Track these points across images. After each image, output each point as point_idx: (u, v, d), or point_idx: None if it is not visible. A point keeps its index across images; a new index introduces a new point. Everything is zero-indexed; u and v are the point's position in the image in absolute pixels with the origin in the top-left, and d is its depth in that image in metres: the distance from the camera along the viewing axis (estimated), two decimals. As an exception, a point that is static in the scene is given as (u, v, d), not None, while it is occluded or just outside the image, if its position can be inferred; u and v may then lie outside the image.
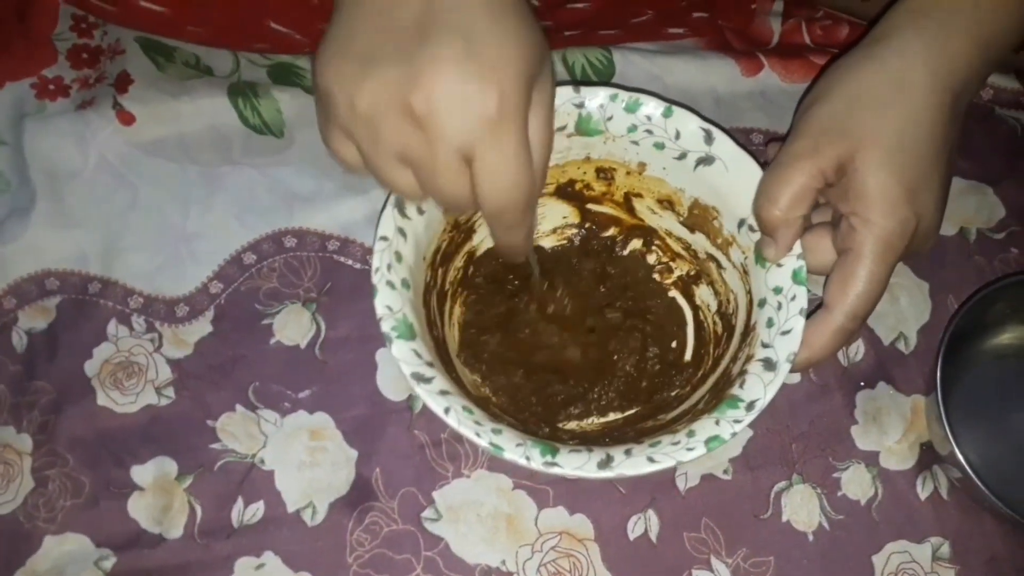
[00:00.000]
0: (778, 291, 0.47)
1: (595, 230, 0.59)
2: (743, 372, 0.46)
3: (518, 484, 0.53)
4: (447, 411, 0.43)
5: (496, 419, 0.44)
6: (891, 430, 0.56)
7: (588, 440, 0.52)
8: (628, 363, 0.55)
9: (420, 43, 0.37)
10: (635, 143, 0.51)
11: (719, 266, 0.53)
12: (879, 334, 0.58)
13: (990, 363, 0.58)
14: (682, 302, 0.58)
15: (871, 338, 0.58)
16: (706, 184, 0.51)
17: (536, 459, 0.42)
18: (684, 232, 0.55)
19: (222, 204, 0.59)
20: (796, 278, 0.47)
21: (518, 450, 0.42)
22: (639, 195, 0.55)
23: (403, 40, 0.37)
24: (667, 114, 0.50)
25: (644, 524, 0.53)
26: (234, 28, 0.60)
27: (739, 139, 0.50)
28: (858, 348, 0.58)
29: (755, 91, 0.65)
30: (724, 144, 0.49)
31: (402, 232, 0.46)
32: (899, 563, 0.53)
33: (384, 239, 0.46)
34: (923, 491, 0.55)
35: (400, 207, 0.47)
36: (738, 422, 0.44)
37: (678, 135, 0.50)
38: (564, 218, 0.58)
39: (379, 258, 0.45)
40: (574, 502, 0.53)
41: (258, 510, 0.52)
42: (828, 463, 0.55)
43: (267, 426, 0.54)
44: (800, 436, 0.55)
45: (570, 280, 0.57)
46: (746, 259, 0.50)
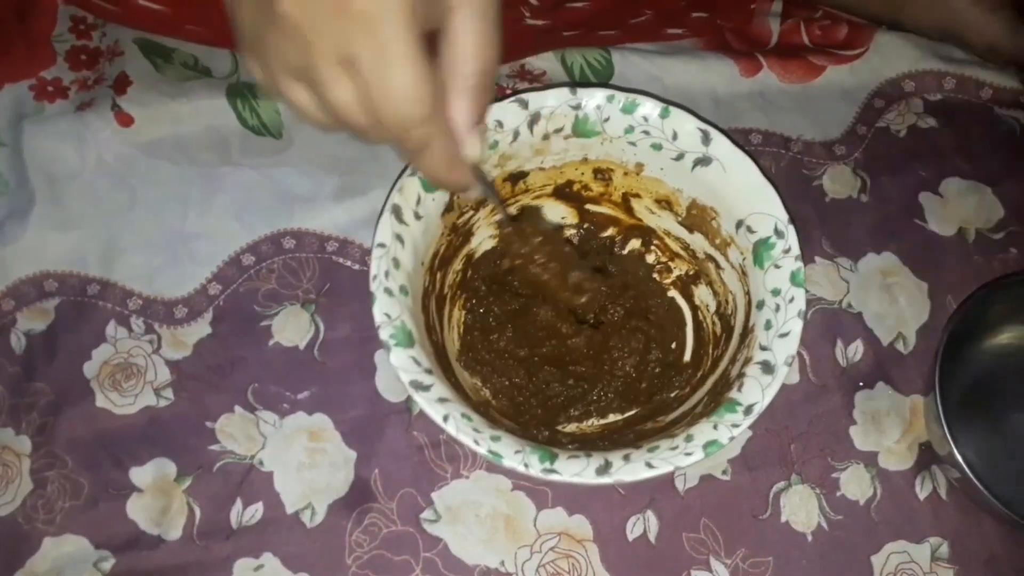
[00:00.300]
0: (776, 293, 0.47)
1: (593, 230, 0.59)
2: (741, 375, 0.46)
3: (517, 485, 0.53)
4: (446, 418, 0.43)
5: (495, 425, 0.44)
6: (890, 430, 0.56)
7: (587, 443, 0.52)
8: (629, 363, 0.55)
9: None
10: (632, 144, 0.51)
11: (717, 266, 0.53)
12: (878, 335, 0.58)
13: (989, 363, 0.58)
14: (681, 302, 0.58)
15: (870, 338, 0.58)
16: (704, 184, 0.51)
17: (535, 466, 0.42)
18: (683, 232, 0.55)
19: (221, 205, 0.59)
20: (794, 280, 0.47)
21: (516, 457, 0.42)
22: (637, 195, 0.55)
23: None
24: (664, 115, 0.50)
25: (643, 525, 0.53)
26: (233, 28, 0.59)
27: (738, 139, 0.50)
28: (857, 348, 0.58)
29: (754, 91, 0.65)
30: (721, 144, 0.49)
31: (399, 238, 0.46)
32: (898, 563, 0.53)
33: (381, 246, 0.46)
34: (922, 491, 0.55)
35: (397, 213, 0.47)
36: (736, 426, 0.44)
37: (675, 136, 0.50)
38: (562, 219, 0.58)
39: (376, 265, 0.45)
40: (573, 503, 0.53)
41: (257, 511, 0.52)
42: (827, 463, 0.55)
43: (266, 427, 0.54)
44: (799, 436, 0.55)
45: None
46: (744, 260, 0.50)
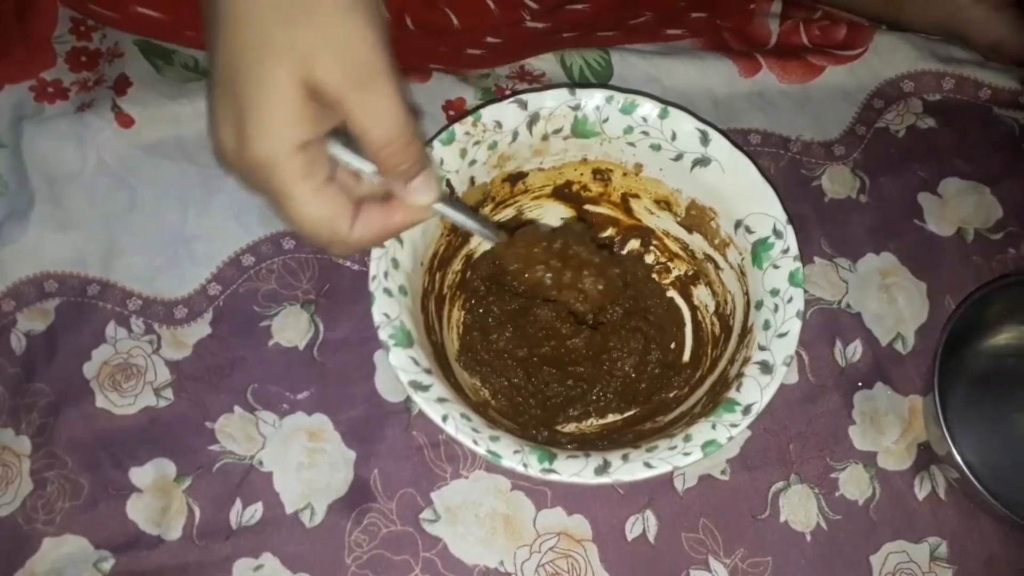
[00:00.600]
0: (775, 293, 0.47)
1: (593, 231, 0.58)
2: (740, 375, 0.46)
3: (516, 485, 0.53)
4: (445, 419, 0.43)
5: (494, 425, 0.44)
6: (889, 430, 0.56)
7: (586, 443, 0.52)
8: (628, 364, 0.55)
9: (209, 87, 0.38)
10: (631, 144, 0.51)
11: (716, 267, 0.53)
12: (877, 335, 0.58)
13: (988, 363, 0.58)
14: (680, 302, 0.58)
15: (868, 338, 0.58)
16: (703, 185, 0.51)
17: (533, 466, 0.42)
18: (682, 232, 0.55)
19: (221, 206, 0.59)
20: (793, 280, 0.47)
21: (515, 457, 0.42)
22: (636, 196, 0.55)
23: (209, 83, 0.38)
24: (663, 115, 0.50)
25: (642, 525, 0.53)
26: None
27: (737, 140, 0.50)
28: (856, 348, 0.58)
29: (753, 92, 0.65)
30: (720, 145, 0.49)
31: (398, 239, 0.47)
32: (897, 563, 0.53)
33: (381, 246, 0.46)
34: (921, 491, 0.55)
35: None
36: (734, 426, 0.44)
37: (674, 136, 0.50)
38: (562, 219, 0.58)
39: (376, 266, 0.45)
40: (572, 503, 0.53)
41: (256, 511, 0.52)
42: (826, 463, 0.55)
43: (265, 427, 0.54)
44: (798, 436, 0.55)
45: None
46: (743, 260, 0.50)
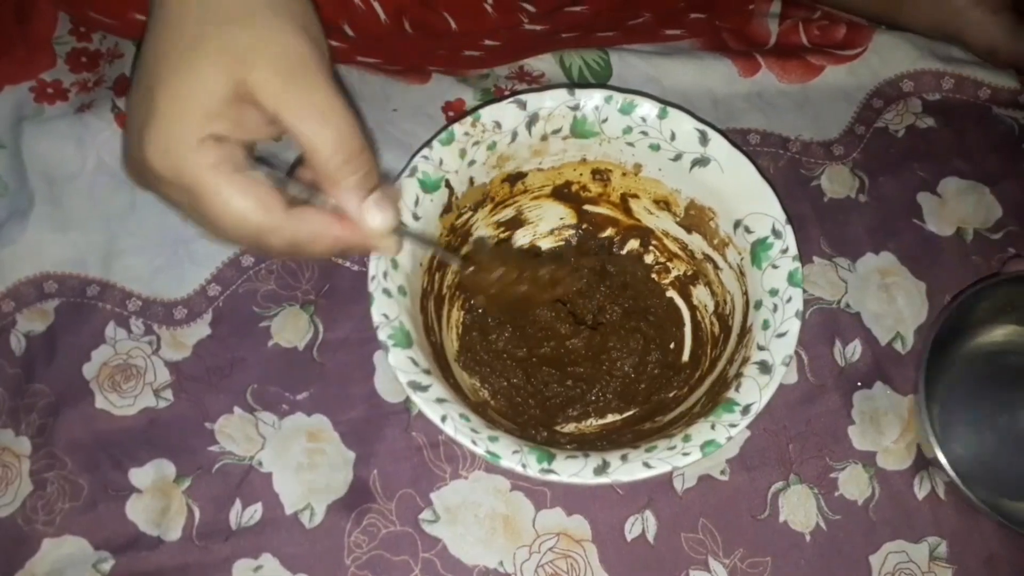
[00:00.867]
0: (774, 293, 0.47)
1: (592, 231, 0.59)
2: (739, 375, 0.46)
3: (516, 485, 0.53)
4: (444, 419, 0.43)
5: (493, 425, 0.44)
6: (888, 430, 0.56)
7: (586, 443, 0.52)
8: (627, 364, 0.55)
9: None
10: (631, 144, 0.51)
11: (716, 267, 0.53)
12: (876, 334, 0.58)
13: (981, 362, 0.58)
14: (680, 302, 0.58)
15: (868, 338, 0.58)
16: (702, 185, 0.51)
17: (532, 466, 0.42)
18: (681, 232, 0.55)
19: (220, 206, 0.59)
20: (792, 280, 0.47)
21: (514, 457, 0.42)
22: (635, 196, 0.55)
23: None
24: (662, 115, 0.50)
25: (642, 525, 0.53)
26: None
27: (736, 140, 0.50)
28: (855, 348, 0.58)
29: (752, 92, 0.65)
30: (719, 145, 0.49)
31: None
32: (896, 563, 0.53)
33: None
34: (920, 491, 0.55)
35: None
36: (734, 426, 0.44)
37: (673, 136, 0.50)
38: (561, 219, 0.58)
39: (375, 266, 0.45)
40: (572, 503, 0.53)
41: (256, 512, 0.52)
42: (825, 463, 0.55)
43: (265, 428, 0.54)
44: (797, 436, 0.55)
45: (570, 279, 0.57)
46: (742, 260, 0.50)
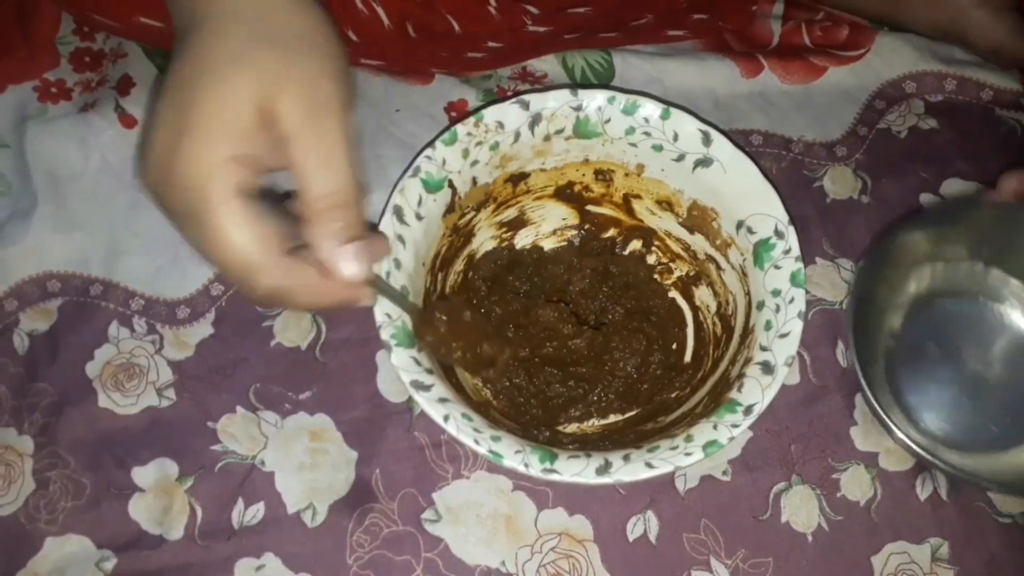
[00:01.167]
0: (776, 293, 0.47)
1: (595, 231, 0.59)
2: (741, 375, 0.46)
3: (518, 485, 0.53)
4: (446, 418, 0.43)
5: (495, 425, 0.44)
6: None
7: (588, 443, 0.52)
8: (630, 364, 0.55)
9: (156, 99, 0.38)
10: (633, 145, 0.51)
11: (718, 267, 0.53)
12: (878, 335, 0.58)
13: (916, 310, 0.55)
14: (682, 303, 0.58)
15: (870, 339, 0.58)
16: (705, 185, 0.51)
17: (535, 466, 0.42)
18: (683, 233, 0.55)
19: (223, 206, 0.59)
20: (794, 280, 0.47)
21: (517, 457, 0.42)
22: (638, 196, 0.55)
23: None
24: (665, 116, 0.50)
25: (643, 525, 0.53)
26: None
27: (738, 140, 0.50)
28: (857, 349, 0.58)
29: (755, 92, 0.65)
30: (722, 146, 0.49)
31: (401, 239, 0.47)
32: (898, 564, 0.53)
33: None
34: (922, 492, 0.55)
35: (398, 214, 0.47)
36: (736, 427, 0.44)
37: (676, 137, 0.50)
38: (563, 220, 0.58)
39: (378, 266, 0.46)
40: (573, 503, 0.53)
41: (258, 511, 0.52)
42: (827, 464, 0.55)
43: (267, 427, 0.54)
44: (799, 437, 0.55)
45: (572, 279, 0.57)
46: (745, 261, 0.50)
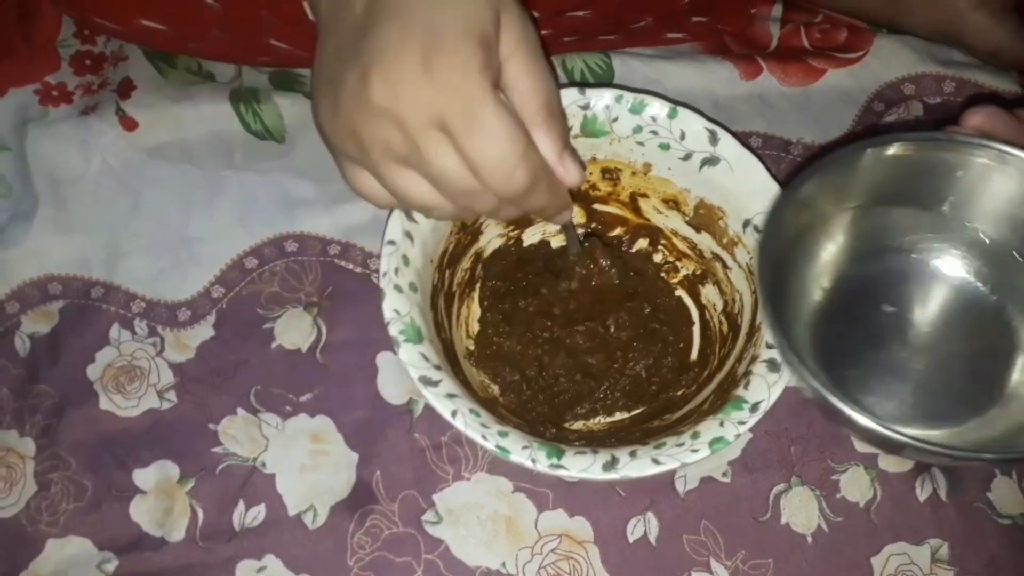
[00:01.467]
0: None
1: (601, 229, 0.59)
2: (748, 373, 0.46)
3: (518, 487, 0.53)
4: (454, 414, 0.43)
5: (502, 421, 0.44)
6: (890, 432, 0.56)
7: (594, 440, 0.52)
8: (641, 365, 0.55)
9: (364, 37, 0.36)
10: (640, 144, 0.51)
11: (725, 266, 0.54)
12: (878, 337, 0.58)
13: (836, 279, 0.49)
14: (688, 301, 0.58)
15: (870, 341, 0.58)
16: (711, 184, 0.51)
17: (542, 461, 0.42)
18: (690, 232, 0.55)
19: (224, 209, 0.59)
20: (798, 279, 0.47)
21: (524, 452, 0.43)
22: (645, 195, 0.55)
23: (354, 45, 0.37)
24: (672, 115, 0.50)
25: (643, 526, 0.53)
26: (235, 45, 0.60)
27: (739, 142, 0.50)
28: (857, 351, 0.58)
29: (753, 94, 0.66)
30: (729, 144, 0.50)
31: (409, 236, 0.47)
32: (898, 565, 0.53)
33: (391, 243, 0.46)
34: (922, 493, 0.55)
35: (407, 211, 0.47)
36: (742, 423, 0.44)
37: (683, 136, 0.50)
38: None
39: (386, 262, 0.46)
40: (574, 504, 0.53)
41: (259, 513, 0.52)
42: (827, 465, 0.55)
43: (268, 429, 0.54)
44: (799, 439, 0.55)
45: (596, 272, 0.57)
46: (751, 259, 0.50)
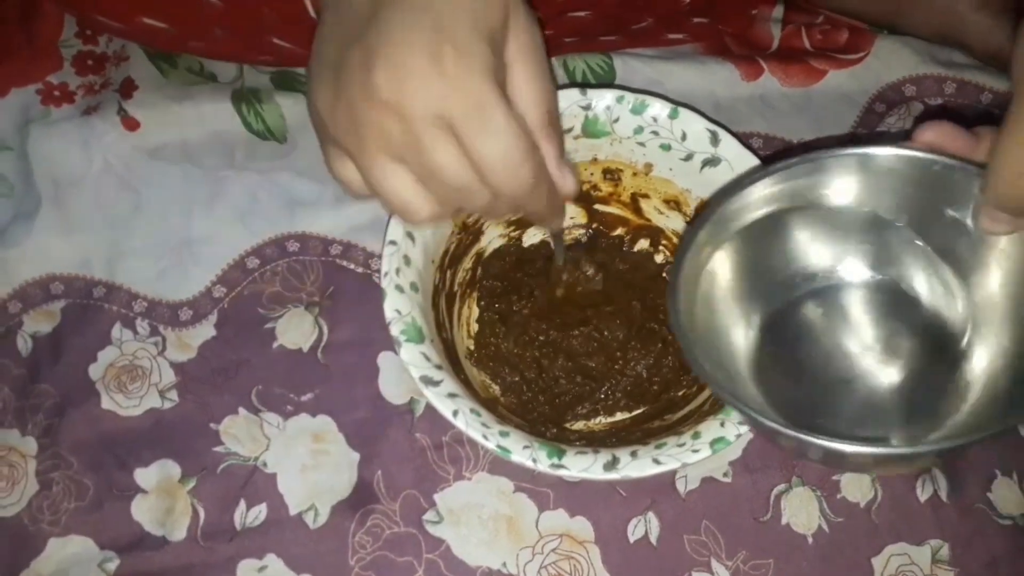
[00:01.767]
0: None
1: (603, 230, 0.59)
2: (748, 373, 0.46)
3: (519, 487, 0.54)
4: (455, 414, 0.43)
5: (503, 421, 0.45)
6: (891, 433, 0.56)
7: (595, 440, 0.52)
8: (640, 364, 0.55)
9: (370, 22, 0.35)
10: (641, 144, 0.51)
11: (724, 267, 0.54)
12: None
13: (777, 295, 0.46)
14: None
15: (871, 341, 0.58)
16: (713, 185, 0.51)
17: (543, 461, 0.42)
18: (691, 232, 0.55)
19: (225, 209, 0.60)
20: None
21: (525, 452, 0.43)
22: (646, 196, 0.55)
23: (359, 30, 0.36)
24: (673, 115, 0.50)
25: (644, 526, 0.53)
26: (237, 44, 0.60)
27: (740, 143, 0.50)
28: (858, 351, 0.58)
29: (755, 95, 0.66)
30: (730, 145, 0.50)
31: (410, 236, 0.47)
32: (898, 565, 0.53)
33: (393, 243, 0.46)
34: (922, 493, 0.55)
35: None
36: (743, 424, 0.44)
37: (684, 136, 0.50)
38: (571, 218, 0.58)
39: (388, 262, 0.46)
40: (574, 504, 0.53)
41: (260, 512, 0.52)
42: (828, 466, 0.55)
43: (270, 429, 0.54)
44: (800, 439, 0.55)
45: (581, 278, 0.57)
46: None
